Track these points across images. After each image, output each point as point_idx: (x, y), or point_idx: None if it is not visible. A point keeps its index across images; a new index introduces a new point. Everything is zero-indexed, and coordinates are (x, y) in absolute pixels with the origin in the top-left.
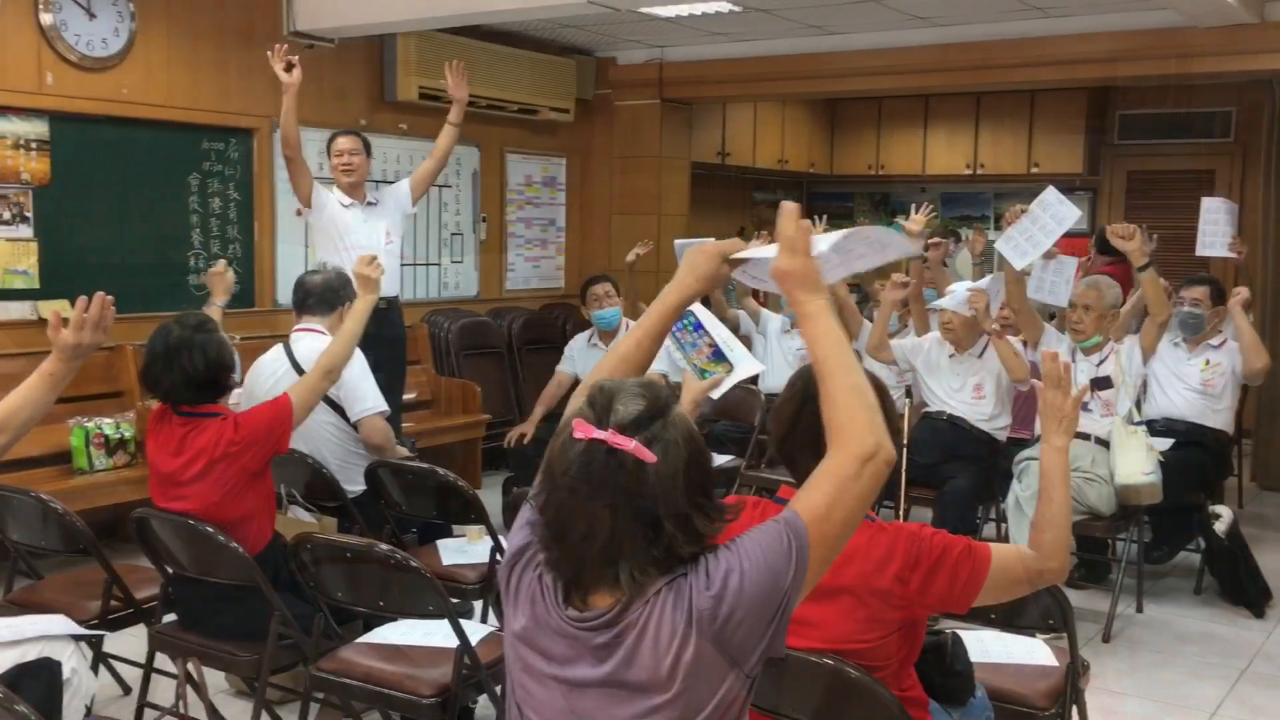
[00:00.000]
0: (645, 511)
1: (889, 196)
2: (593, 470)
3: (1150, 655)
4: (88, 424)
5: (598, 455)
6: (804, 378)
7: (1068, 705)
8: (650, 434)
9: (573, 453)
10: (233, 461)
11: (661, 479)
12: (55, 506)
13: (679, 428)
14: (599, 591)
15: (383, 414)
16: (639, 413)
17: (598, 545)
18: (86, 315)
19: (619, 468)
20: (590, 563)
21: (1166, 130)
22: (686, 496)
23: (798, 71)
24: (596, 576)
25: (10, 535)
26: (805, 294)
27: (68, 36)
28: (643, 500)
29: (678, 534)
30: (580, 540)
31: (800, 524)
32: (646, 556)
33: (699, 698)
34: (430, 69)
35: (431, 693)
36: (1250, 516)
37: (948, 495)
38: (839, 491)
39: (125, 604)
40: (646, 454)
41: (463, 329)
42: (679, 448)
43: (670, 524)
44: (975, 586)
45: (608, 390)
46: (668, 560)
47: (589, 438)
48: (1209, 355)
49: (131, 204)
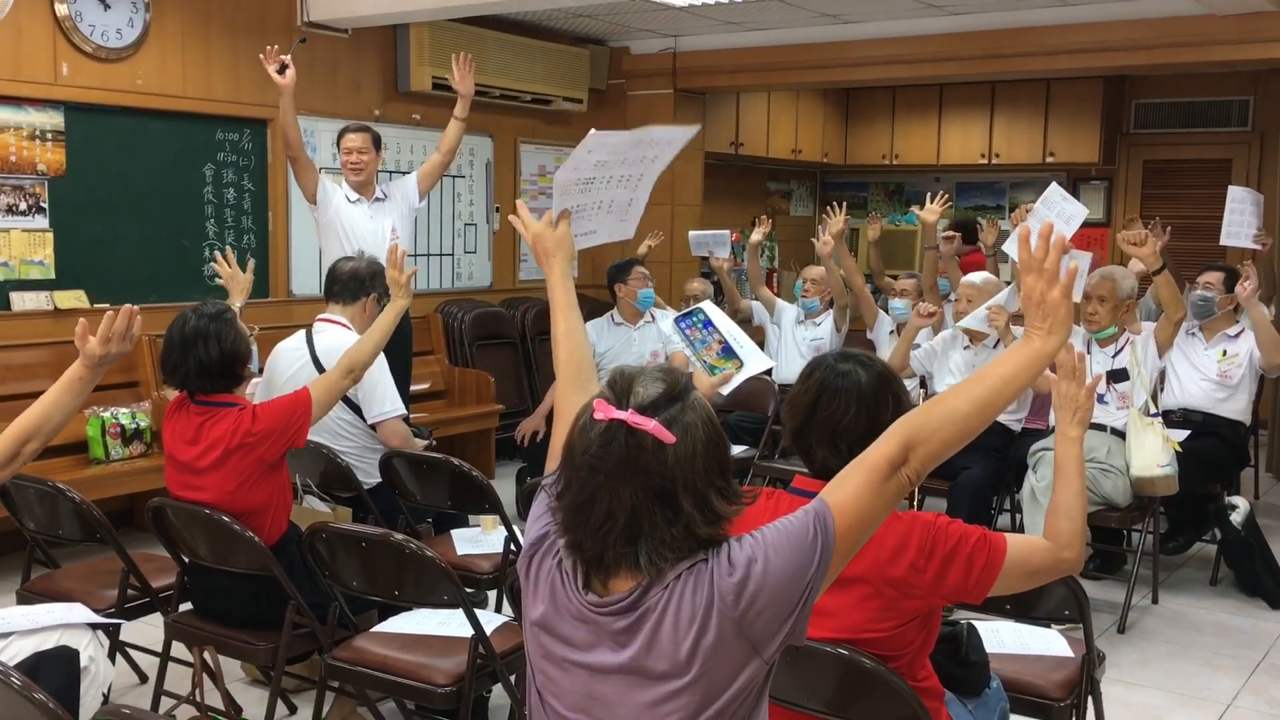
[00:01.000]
0: (665, 491)
1: (903, 186)
2: (613, 450)
3: (1166, 646)
4: (104, 414)
5: (618, 435)
6: (819, 367)
7: (1083, 696)
8: (670, 415)
9: (593, 433)
10: (249, 452)
11: (680, 459)
12: (72, 496)
13: (698, 410)
14: (620, 575)
15: (402, 417)
16: (658, 395)
17: (619, 525)
18: (114, 328)
19: (639, 448)
20: (612, 542)
21: (1183, 119)
22: (705, 477)
23: (812, 61)
24: (617, 557)
25: (28, 524)
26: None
27: (83, 27)
28: (662, 480)
29: (696, 514)
30: (602, 520)
31: (829, 515)
32: (666, 536)
33: (718, 683)
34: (443, 59)
35: (446, 682)
36: (1266, 507)
37: (961, 486)
38: (871, 487)
39: (141, 593)
40: (666, 434)
41: (476, 319)
42: (698, 429)
43: (689, 503)
44: (991, 576)
45: (628, 374)
46: (686, 541)
47: (609, 418)
48: (1226, 345)
49: (147, 195)
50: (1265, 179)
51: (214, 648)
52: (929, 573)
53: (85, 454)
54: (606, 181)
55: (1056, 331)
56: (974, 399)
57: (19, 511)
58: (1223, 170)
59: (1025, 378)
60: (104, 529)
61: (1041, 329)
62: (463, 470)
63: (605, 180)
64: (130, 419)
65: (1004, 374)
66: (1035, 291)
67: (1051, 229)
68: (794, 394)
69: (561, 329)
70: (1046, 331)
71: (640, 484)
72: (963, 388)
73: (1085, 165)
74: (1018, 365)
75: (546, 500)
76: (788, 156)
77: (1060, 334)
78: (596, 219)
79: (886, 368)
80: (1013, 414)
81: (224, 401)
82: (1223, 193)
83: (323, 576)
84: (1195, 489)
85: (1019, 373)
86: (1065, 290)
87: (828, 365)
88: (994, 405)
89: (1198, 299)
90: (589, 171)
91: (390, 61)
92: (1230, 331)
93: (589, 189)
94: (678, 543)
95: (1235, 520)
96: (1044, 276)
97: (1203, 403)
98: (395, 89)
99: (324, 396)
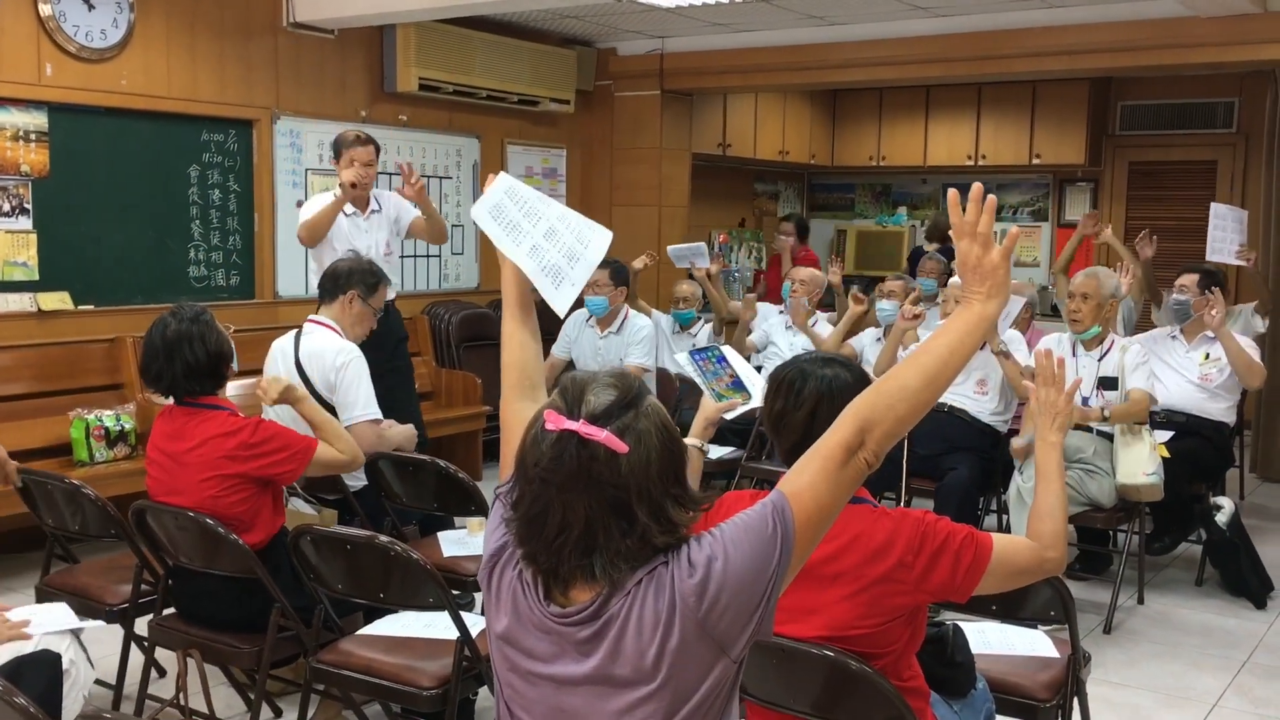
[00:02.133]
0: (619, 502)
1: (890, 188)
2: (565, 462)
3: (1151, 646)
4: (88, 416)
5: (569, 446)
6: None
7: (1069, 697)
8: (623, 424)
9: (545, 444)
10: (238, 463)
11: (634, 468)
12: (88, 492)
13: (651, 417)
14: (577, 585)
15: (374, 420)
16: (610, 403)
17: (573, 537)
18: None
19: (591, 458)
20: (566, 555)
21: (1169, 121)
22: (660, 485)
23: (799, 62)
24: (573, 569)
25: (46, 520)
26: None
27: (66, 28)
28: (616, 490)
29: (651, 524)
30: (556, 533)
31: (787, 506)
32: (621, 548)
33: (686, 686)
34: (430, 60)
35: (431, 685)
36: (1251, 508)
37: (948, 486)
38: (827, 475)
39: (154, 588)
40: (618, 444)
41: (463, 320)
42: (651, 437)
43: (644, 514)
44: (976, 574)
45: (579, 381)
46: (642, 551)
47: (560, 429)
48: (1208, 348)
49: (131, 196)
50: (1250, 181)
51: (198, 651)
52: (916, 569)
53: (70, 456)
54: (535, 221)
55: (996, 294)
56: (923, 371)
57: (39, 508)
58: (1208, 172)
59: (971, 343)
60: (118, 525)
61: (981, 292)
62: (449, 472)
63: (534, 219)
64: (115, 421)
65: (949, 343)
66: (971, 256)
67: (983, 191)
68: (783, 409)
69: (505, 331)
70: (986, 295)
71: (594, 495)
72: (910, 362)
73: (1071, 167)
74: (961, 332)
75: (503, 510)
76: (775, 158)
77: (1001, 296)
78: (553, 253)
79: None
80: (999, 415)
81: (209, 403)
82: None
83: (308, 579)
84: (1180, 490)
85: (964, 340)
86: (1005, 252)
87: (816, 374)
88: (944, 375)
89: (1174, 303)
90: (514, 211)
91: (377, 62)
92: (1210, 334)
93: (532, 221)
94: (633, 553)
95: (1220, 521)
96: (978, 240)
97: (1186, 404)
98: (382, 89)
99: (321, 458)
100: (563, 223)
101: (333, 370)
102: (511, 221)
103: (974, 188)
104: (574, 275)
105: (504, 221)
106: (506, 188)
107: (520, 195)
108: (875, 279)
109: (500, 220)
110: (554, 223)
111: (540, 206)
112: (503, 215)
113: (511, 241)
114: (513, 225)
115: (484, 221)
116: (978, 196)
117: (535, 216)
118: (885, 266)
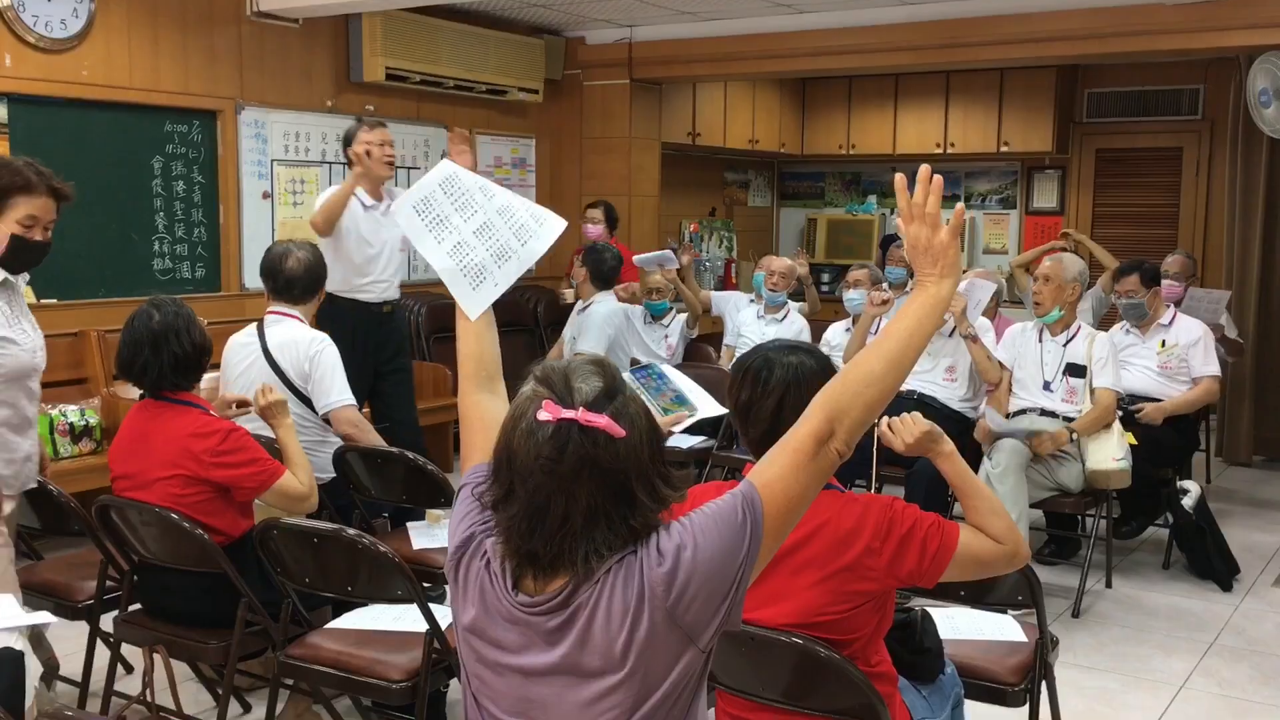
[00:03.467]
0: (621, 485)
1: (860, 176)
2: (569, 451)
3: (1119, 630)
4: (52, 411)
5: (571, 435)
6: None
7: (1037, 680)
8: (616, 408)
9: (543, 436)
10: (203, 468)
11: (631, 451)
12: (51, 489)
13: (635, 400)
14: (560, 575)
15: (349, 405)
16: (600, 390)
17: (576, 526)
18: None
19: (594, 445)
20: (568, 545)
21: (1135, 108)
22: (651, 465)
23: (768, 51)
24: (567, 558)
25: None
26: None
27: (25, 18)
28: (617, 474)
29: (649, 503)
30: (560, 524)
31: (756, 496)
32: (621, 531)
33: (654, 675)
34: (397, 49)
35: (401, 678)
36: (1217, 491)
37: (918, 474)
38: (797, 467)
39: (119, 584)
40: (617, 429)
41: (432, 312)
42: (640, 419)
43: (643, 494)
44: (943, 561)
45: (559, 370)
46: (631, 535)
47: (559, 418)
48: (1163, 336)
49: (94, 188)
50: (1215, 166)
51: (165, 648)
52: (884, 555)
53: None
54: (470, 214)
55: (949, 274)
56: (886, 356)
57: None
58: (1174, 158)
59: (930, 325)
60: (81, 521)
61: (934, 274)
62: (417, 464)
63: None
64: (79, 416)
65: (909, 326)
66: (921, 238)
67: (930, 173)
68: (749, 399)
69: (460, 323)
70: (939, 275)
71: (597, 482)
72: (873, 348)
73: (1039, 154)
74: (919, 315)
75: (470, 502)
76: (745, 147)
77: (953, 276)
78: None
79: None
80: (968, 402)
81: (188, 400)
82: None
83: (275, 573)
84: (1147, 474)
85: (922, 322)
86: (953, 230)
87: (782, 362)
88: (906, 358)
89: (1127, 308)
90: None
91: (343, 52)
92: (1163, 320)
93: (465, 217)
94: (625, 538)
95: (1187, 504)
96: (927, 221)
97: (1149, 389)
98: (348, 79)
99: (283, 486)
100: (502, 216)
101: (306, 359)
102: (439, 216)
103: (921, 169)
104: (500, 275)
105: (429, 216)
106: (443, 178)
107: (458, 186)
108: (845, 267)
109: (425, 215)
110: (491, 216)
111: (478, 198)
112: (430, 209)
113: (433, 239)
114: (438, 220)
115: (403, 215)
116: (925, 177)
117: (470, 210)
118: (856, 255)
